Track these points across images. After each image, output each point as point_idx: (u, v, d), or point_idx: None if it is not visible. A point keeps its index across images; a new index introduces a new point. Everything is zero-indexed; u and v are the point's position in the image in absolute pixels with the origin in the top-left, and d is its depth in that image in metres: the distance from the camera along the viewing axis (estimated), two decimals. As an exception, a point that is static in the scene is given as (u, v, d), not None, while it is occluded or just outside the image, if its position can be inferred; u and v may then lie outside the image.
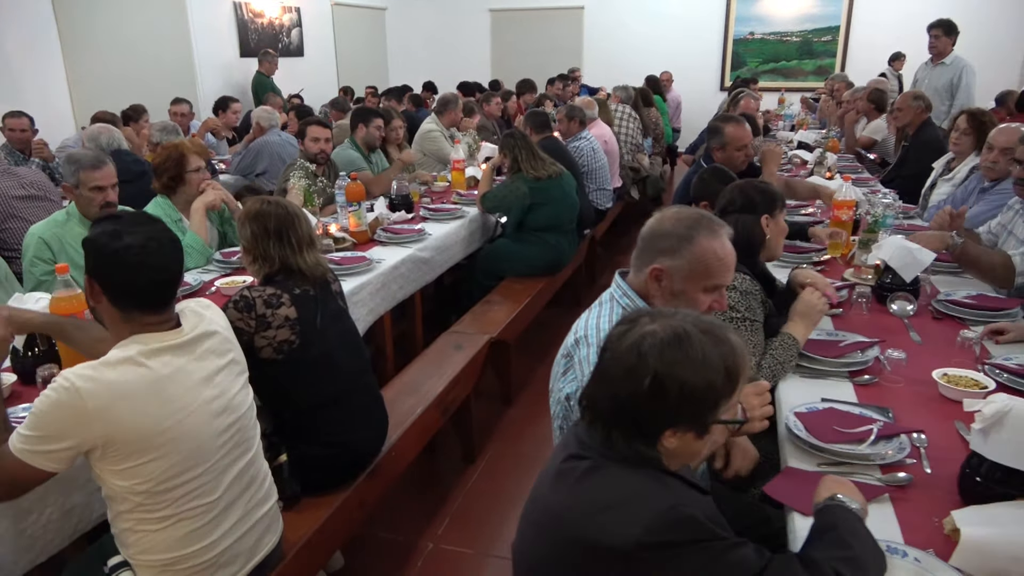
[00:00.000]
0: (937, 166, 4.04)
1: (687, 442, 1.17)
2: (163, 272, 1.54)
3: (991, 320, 2.35)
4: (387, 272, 3.28)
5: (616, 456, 1.17)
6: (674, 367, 1.11)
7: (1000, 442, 1.39)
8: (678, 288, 1.61)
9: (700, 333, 1.15)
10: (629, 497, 1.12)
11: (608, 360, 1.19)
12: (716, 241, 1.61)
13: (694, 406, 1.13)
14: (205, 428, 1.55)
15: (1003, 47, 9.54)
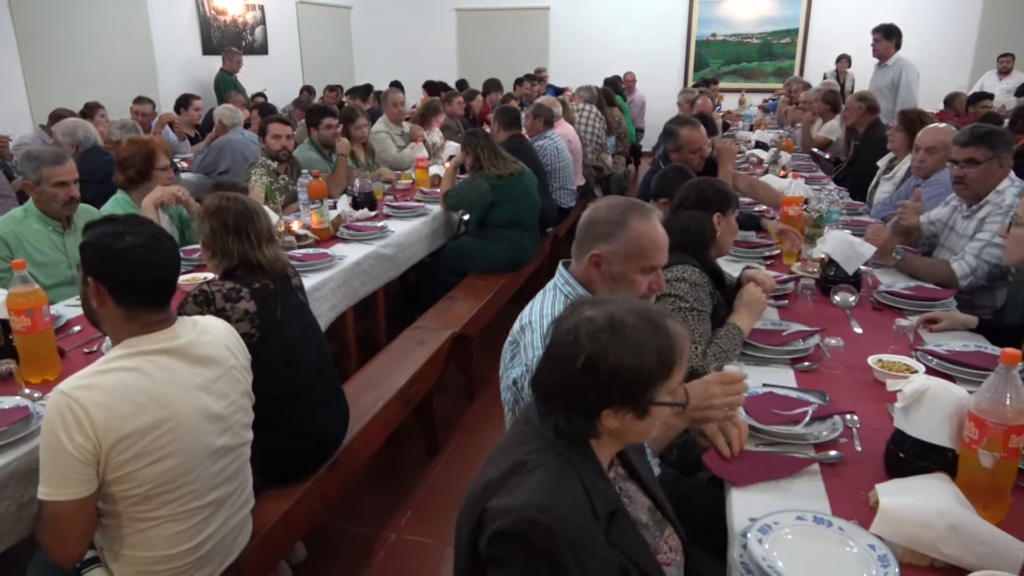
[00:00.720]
0: (881, 164, 4.19)
1: (628, 423, 1.22)
2: (166, 269, 1.59)
3: (927, 310, 2.47)
4: (349, 268, 3.32)
5: (556, 437, 1.22)
6: (605, 349, 1.17)
7: (919, 419, 1.49)
8: (616, 271, 1.69)
9: (636, 319, 1.21)
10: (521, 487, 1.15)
11: (551, 344, 1.26)
12: (648, 224, 1.70)
13: (626, 386, 1.19)
14: (202, 434, 1.58)
15: (953, 51, 9.87)
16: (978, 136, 2.87)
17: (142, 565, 1.57)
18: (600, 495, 1.21)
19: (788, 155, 5.12)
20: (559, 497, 1.14)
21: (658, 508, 1.40)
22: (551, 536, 1.09)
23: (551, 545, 1.09)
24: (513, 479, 1.18)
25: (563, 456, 1.21)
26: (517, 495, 1.14)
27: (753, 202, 4.07)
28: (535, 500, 1.12)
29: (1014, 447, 1.37)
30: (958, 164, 2.90)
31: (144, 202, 3.14)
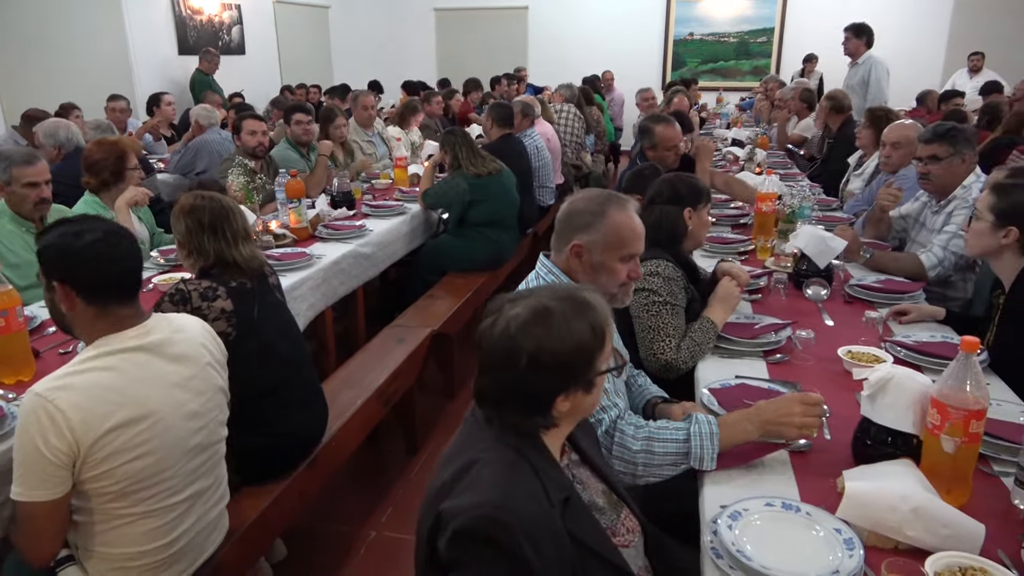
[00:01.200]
0: (851, 161, 4.27)
1: (579, 400, 1.26)
2: (129, 260, 1.58)
3: (897, 302, 2.52)
4: (328, 267, 3.32)
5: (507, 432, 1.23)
6: (543, 341, 1.19)
7: (884, 406, 1.53)
8: (597, 260, 1.74)
9: (559, 302, 1.24)
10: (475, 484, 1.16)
11: (485, 351, 1.25)
12: (625, 214, 1.75)
13: (572, 369, 1.22)
14: (179, 431, 1.58)
15: (925, 50, 10.02)
16: (939, 134, 2.95)
17: (116, 562, 1.57)
18: (553, 483, 1.22)
19: (763, 152, 5.18)
20: (513, 491, 1.15)
21: (612, 491, 1.43)
22: (508, 531, 1.10)
23: (509, 540, 1.10)
24: (466, 478, 1.18)
25: (514, 449, 1.22)
26: (471, 494, 1.15)
27: (729, 198, 4.13)
28: (490, 497, 1.13)
29: (975, 432, 1.42)
30: (922, 161, 2.98)
31: (117, 203, 3.12)
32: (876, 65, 6.08)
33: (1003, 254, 2.19)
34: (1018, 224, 2.12)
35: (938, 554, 1.27)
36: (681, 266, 2.31)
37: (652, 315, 2.17)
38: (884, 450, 1.54)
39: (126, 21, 7.59)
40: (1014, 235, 2.13)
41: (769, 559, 1.28)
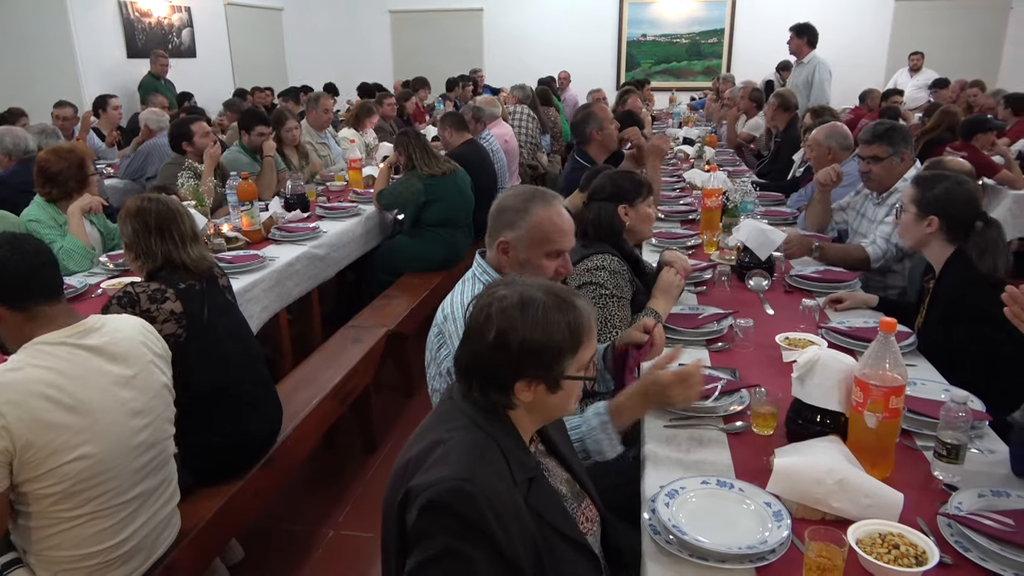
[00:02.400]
0: (796, 159, 4.41)
1: (542, 395, 1.29)
2: (40, 255, 1.58)
3: (834, 291, 2.62)
4: (281, 269, 3.31)
5: (471, 410, 1.28)
6: (515, 324, 1.25)
7: (813, 387, 1.61)
8: (523, 257, 1.77)
9: (546, 297, 1.29)
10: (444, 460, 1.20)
11: (468, 322, 1.33)
12: (550, 210, 1.77)
13: (535, 359, 1.26)
14: (122, 429, 1.58)
15: (868, 50, 10.34)
16: (878, 134, 3.07)
17: (65, 564, 1.57)
18: (519, 464, 1.28)
19: (712, 150, 5.31)
20: (480, 467, 1.20)
21: (576, 481, 1.48)
22: (474, 503, 1.14)
23: (474, 512, 1.14)
24: (435, 454, 1.23)
25: (483, 429, 1.27)
26: (439, 469, 1.19)
27: (679, 195, 4.24)
28: (457, 472, 1.17)
29: (894, 407, 1.50)
30: (865, 160, 3.09)
31: (71, 208, 3.09)
32: (820, 66, 6.27)
33: (931, 242, 2.30)
34: (937, 213, 2.23)
35: (860, 522, 1.36)
36: (626, 259, 2.38)
37: (599, 307, 2.23)
38: (813, 428, 1.62)
39: (72, 24, 7.43)
40: (935, 224, 2.24)
41: (703, 533, 1.34)
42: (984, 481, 1.53)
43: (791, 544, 1.34)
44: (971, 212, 2.23)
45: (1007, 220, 4.59)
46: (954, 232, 2.23)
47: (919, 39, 9.66)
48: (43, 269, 1.58)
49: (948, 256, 2.27)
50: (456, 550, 1.14)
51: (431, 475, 1.19)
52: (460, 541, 1.15)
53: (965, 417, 1.52)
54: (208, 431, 2.14)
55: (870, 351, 1.52)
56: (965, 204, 2.23)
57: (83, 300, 2.82)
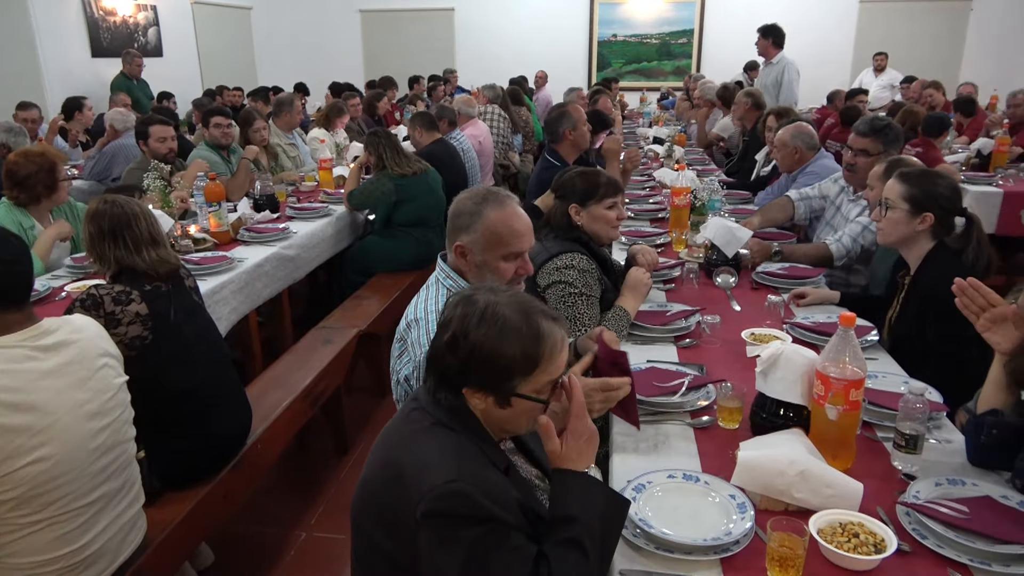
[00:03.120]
0: (759, 158, 4.47)
1: (491, 408, 1.28)
2: (19, 263, 1.56)
3: (800, 286, 2.67)
4: (250, 270, 3.29)
5: (436, 410, 1.29)
6: (469, 329, 1.25)
7: (776, 381, 1.64)
8: (480, 260, 1.73)
9: (512, 314, 1.26)
10: (427, 463, 1.21)
11: (440, 316, 1.34)
12: (504, 212, 1.73)
13: (483, 368, 1.25)
14: (79, 432, 1.56)
15: (835, 50, 10.52)
16: (876, 129, 3.04)
17: (27, 570, 1.54)
18: (494, 454, 1.30)
19: (681, 149, 5.37)
20: (462, 462, 1.21)
21: (546, 476, 1.49)
22: (470, 497, 1.16)
23: (473, 504, 1.16)
24: (413, 460, 1.23)
25: (451, 428, 1.28)
26: (426, 476, 1.19)
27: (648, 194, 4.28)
28: (444, 475, 1.18)
29: (854, 400, 1.54)
30: (852, 151, 3.09)
31: (43, 236, 3.08)
32: (788, 66, 6.36)
33: (918, 239, 2.27)
34: (932, 210, 2.21)
35: (821, 512, 1.39)
36: (594, 258, 2.40)
37: (568, 306, 2.24)
38: (777, 421, 1.65)
39: (34, 23, 7.28)
40: (930, 220, 2.22)
41: (669, 526, 1.37)
42: (941, 470, 1.57)
43: (755, 535, 1.36)
44: (959, 208, 2.25)
45: (967, 217, 4.69)
46: (942, 228, 2.24)
47: (883, 39, 9.84)
48: (19, 278, 1.56)
49: (927, 252, 2.26)
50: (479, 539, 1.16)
51: (421, 482, 1.19)
52: (468, 532, 1.16)
53: (922, 408, 1.56)
54: (176, 434, 2.12)
55: (830, 345, 1.55)
56: (955, 200, 2.25)
57: (47, 303, 2.78)
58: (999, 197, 4.71)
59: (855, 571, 1.29)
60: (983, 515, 1.38)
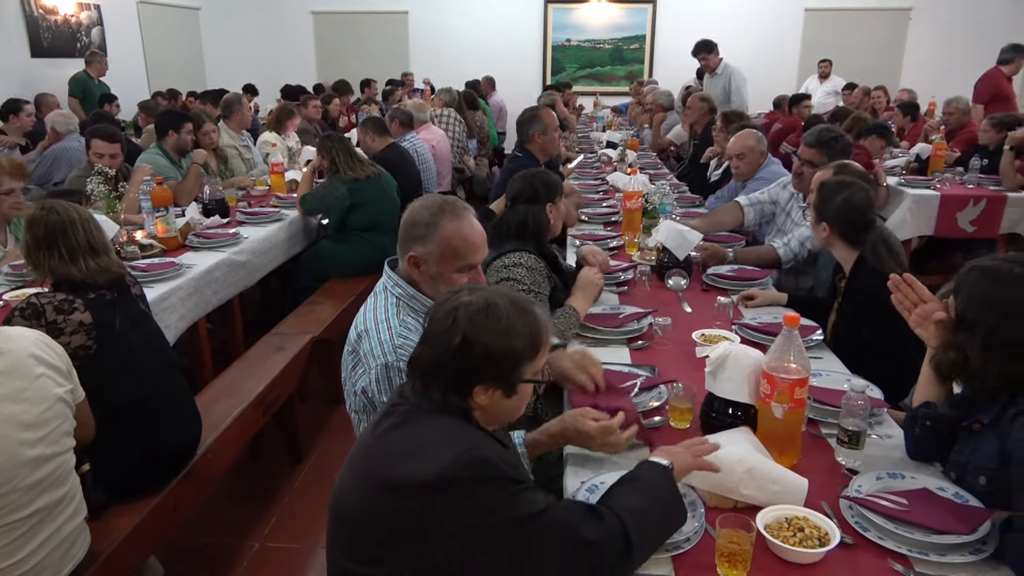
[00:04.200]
0: (711, 162, 4.56)
1: (497, 400, 1.31)
2: None
3: (747, 289, 2.73)
4: (199, 277, 3.22)
5: (430, 407, 1.29)
6: (480, 330, 1.27)
7: (724, 380, 1.68)
8: (434, 271, 1.72)
9: (508, 304, 1.32)
10: (431, 442, 1.23)
11: (429, 325, 1.34)
12: (460, 224, 1.72)
13: (497, 365, 1.28)
14: (14, 443, 1.52)
15: (782, 57, 10.77)
16: (822, 141, 3.15)
17: None
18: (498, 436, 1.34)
19: (634, 153, 5.44)
20: (472, 437, 1.26)
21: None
22: (490, 463, 1.21)
23: (495, 469, 1.21)
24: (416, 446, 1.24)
25: (450, 413, 1.30)
26: (438, 453, 1.20)
27: (602, 198, 4.33)
28: (462, 446, 1.21)
29: (799, 398, 1.58)
30: (800, 160, 3.20)
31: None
32: (735, 75, 6.51)
33: (833, 244, 2.41)
34: (828, 221, 2.35)
35: (768, 508, 1.42)
36: (543, 257, 2.44)
37: None
38: (726, 420, 1.69)
39: (-33, 21, 7.02)
40: (828, 229, 2.37)
41: (622, 525, 1.38)
42: (883, 464, 1.63)
43: (705, 532, 1.39)
44: (861, 220, 2.35)
45: (906, 219, 4.86)
46: (850, 237, 2.35)
47: (827, 47, 10.13)
48: None
49: (855, 258, 2.37)
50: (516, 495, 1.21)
51: (433, 461, 1.19)
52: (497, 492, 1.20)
53: (863, 405, 1.62)
54: (122, 444, 2.06)
55: (775, 345, 1.59)
56: (856, 212, 2.34)
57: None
58: (937, 200, 4.89)
59: (800, 564, 1.33)
60: (921, 507, 1.44)
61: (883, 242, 2.35)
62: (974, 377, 1.50)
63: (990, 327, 1.44)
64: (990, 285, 1.47)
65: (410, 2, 11.33)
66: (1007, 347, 1.42)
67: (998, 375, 1.43)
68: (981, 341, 1.44)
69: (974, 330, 1.46)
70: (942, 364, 1.57)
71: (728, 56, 6.85)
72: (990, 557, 1.34)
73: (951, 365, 1.54)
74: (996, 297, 1.45)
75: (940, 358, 1.58)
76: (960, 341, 1.49)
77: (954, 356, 1.51)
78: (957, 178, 5.15)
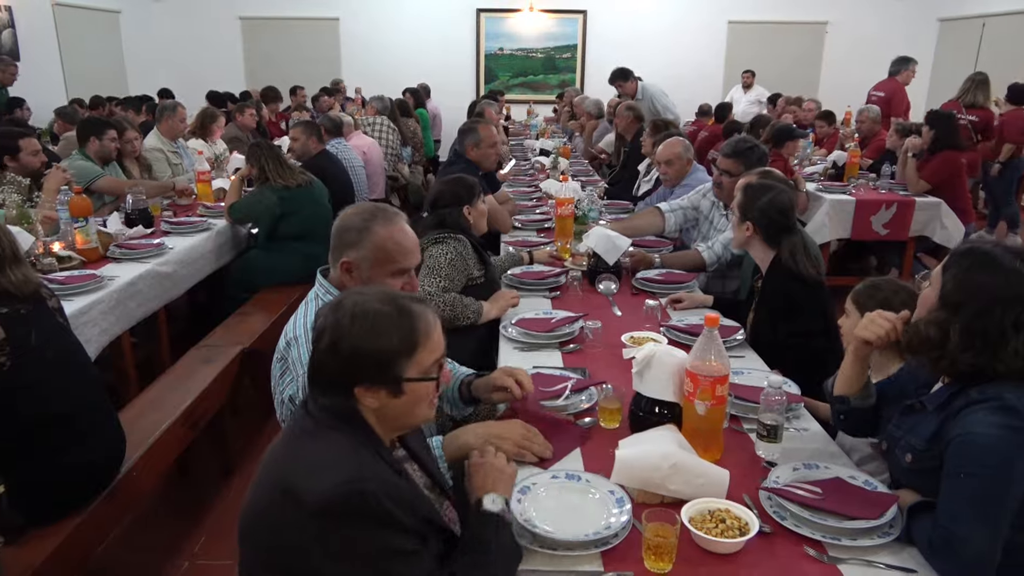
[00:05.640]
0: (641, 168, 4.68)
1: (386, 401, 1.30)
2: None
3: (675, 292, 2.82)
4: (122, 289, 3.12)
5: (326, 417, 1.29)
6: (346, 331, 1.27)
7: (650, 380, 1.74)
8: (367, 276, 1.73)
9: (380, 305, 1.30)
10: (319, 462, 1.22)
11: (313, 331, 1.34)
12: (392, 228, 1.74)
13: (367, 365, 1.27)
14: None
15: (707, 67, 11.13)
16: (738, 152, 3.27)
17: None
18: (388, 457, 1.31)
19: (566, 161, 5.53)
20: (361, 462, 1.23)
21: (436, 485, 1.51)
22: (372, 497, 1.18)
23: (375, 505, 1.17)
24: (307, 463, 1.23)
25: (344, 432, 1.28)
26: (324, 476, 1.19)
27: (535, 204, 4.39)
28: (347, 474, 1.19)
29: (720, 395, 1.65)
30: (719, 171, 3.32)
31: None
32: (654, 95, 6.75)
33: (752, 244, 2.52)
34: (752, 219, 2.46)
35: (693, 501, 1.48)
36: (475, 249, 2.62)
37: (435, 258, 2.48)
38: (653, 419, 1.74)
39: None
40: (750, 229, 2.47)
41: (552, 524, 1.42)
42: (800, 456, 1.71)
43: (632, 527, 1.44)
44: (783, 221, 2.46)
45: (825, 224, 5.09)
46: (770, 238, 2.46)
47: (750, 58, 10.51)
48: None
49: (772, 258, 2.49)
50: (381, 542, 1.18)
51: (319, 484, 1.18)
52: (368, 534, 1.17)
53: (780, 400, 1.70)
54: (40, 464, 1.98)
55: (697, 345, 1.66)
56: (779, 213, 2.45)
57: None
58: (852, 205, 5.14)
59: (722, 554, 1.38)
60: (834, 495, 1.52)
61: (803, 248, 2.45)
62: (947, 358, 1.43)
63: (973, 312, 1.39)
64: (979, 271, 1.41)
65: (341, 9, 11.22)
66: (984, 335, 1.39)
67: (969, 364, 1.41)
68: (962, 326, 1.40)
69: (957, 313, 1.41)
70: (913, 339, 1.49)
71: (655, 66, 7.05)
72: (896, 540, 1.43)
73: (925, 341, 1.45)
74: (983, 284, 1.40)
75: (913, 333, 1.49)
76: (944, 319, 1.42)
77: (934, 333, 1.43)
78: (871, 184, 5.42)
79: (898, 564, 1.38)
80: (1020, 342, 1.38)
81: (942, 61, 10.20)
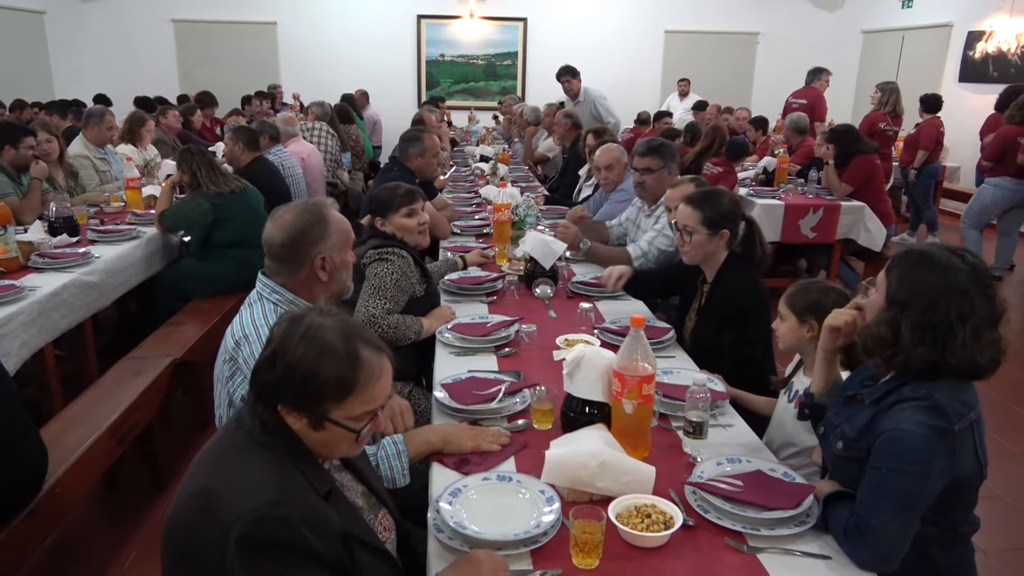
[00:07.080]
0: (582, 174, 4.76)
1: (305, 428, 1.27)
2: None
3: (612, 295, 2.88)
4: (44, 300, 3.01)
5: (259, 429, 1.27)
6: (289, 348, 1.25)
7: (580, 381, 1.77)
8: (338, 262, 1.86)
9: (334, 339, 1.26)
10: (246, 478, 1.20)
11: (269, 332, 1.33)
12: (335, 210, 1.91)
13: (298, 387, 1.24)
14: None
15: (644, 75, 11.37)
16: (652, 148, 3.43)
17: None
18: (316, 476, 1.28)
19: (505, 167, 5.57)
20: (283, 486, 1.20)
21: (372, 493, 1.51)
22: (290, 524, 1.15)
23: (292, 532, 1.15)
24: (230, 481, 1.20)
25: (272, 449, 1.26)
26: (246, 497, 1.16)
27: (474, 211, 4.40)
28: (267, 497, 1.16)
29: (647, 394, 1.70)
30: (639, 171, 3.41)
31: None
32: (596, 98, 6.84)
33: (717, 253, 2.50)
34: (726, 225, 2.46)
35: (620, 498, 1.52)
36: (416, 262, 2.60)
37: (381, 277, 2.44)
38: (583, 419, 1.78)
39: None
40: (726, 236, 2.46)
41: (482, 525, 1.44)
42: (724, 451, 1.76)
43: (561, 525, 1.46)
44: (741, 215, 2.53)
45: (756, 227, 5.25)
46: (733, 237, 2.50)
47: (686, 67, 10.78)
48: None
49: (723, 261, 2.50)
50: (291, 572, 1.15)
51: (239, 505, 1.15)
52: (285, 563, 1.15)
53: (704, 397, 1.75)
54: (-48, 485, 1.90)
55: (624, 345, 1.70)
56: (737, 210, 2.52)
57: None
58: (781, 209, 5.32)
59: (648, 548, 1.42)
60: (753, 487, 1.58)
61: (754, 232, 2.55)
62: (901, 354, 1.46)
63: (920, 308, 1.43)
64: (920, 269, 1.46)
65: (279, 13, 11.07)
66: (934, 329, 1.42)
67: (922, 359, 1.43)
68: (911, 322, 1.44)
69: (905, 310, 1.45)
70: (868, 341, 1.52)
71: (595, 74, 7.16)
72: (812, 528, 1.49)
73: (878, 341, 1.49)
74: (926, 280, 1.44)
75: (867, 335, 1.52)
76: (892, 317, 1.46)
77: (885, 332, 1.47)
78: (799, 188, 5.62)
79: (814, 551, 1.45)
80: (968, 333, 1.42)
81: (866, 71, 10.65)
